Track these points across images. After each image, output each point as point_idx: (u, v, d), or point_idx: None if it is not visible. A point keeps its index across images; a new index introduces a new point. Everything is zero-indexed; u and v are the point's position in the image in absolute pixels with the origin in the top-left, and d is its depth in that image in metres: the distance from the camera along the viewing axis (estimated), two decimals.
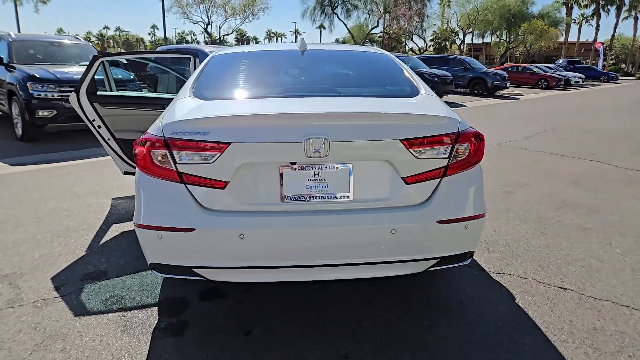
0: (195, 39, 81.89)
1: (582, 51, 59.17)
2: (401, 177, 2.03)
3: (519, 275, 2.91)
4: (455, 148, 2.05)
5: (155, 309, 2.50)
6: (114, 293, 2.68)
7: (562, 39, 52.29)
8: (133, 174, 3.95)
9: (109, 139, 3.83)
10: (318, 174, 2.00)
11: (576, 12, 56.03)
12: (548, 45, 47.30)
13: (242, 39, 49.81)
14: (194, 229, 1.97)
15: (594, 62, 48.54)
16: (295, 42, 3.55)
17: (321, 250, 2.00)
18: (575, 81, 29.10)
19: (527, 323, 2.39)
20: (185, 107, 2.21)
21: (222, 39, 49.18)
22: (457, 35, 53.04)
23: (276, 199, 2.00)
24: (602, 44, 47.80)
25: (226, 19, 45.40)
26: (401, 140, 1.98)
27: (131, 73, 6.26)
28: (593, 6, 52.47)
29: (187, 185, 2.01)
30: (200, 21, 45.57)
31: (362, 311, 2.49)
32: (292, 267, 2.02)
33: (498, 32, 48.17)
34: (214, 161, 1.97)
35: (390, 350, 2.16)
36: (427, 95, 2.40)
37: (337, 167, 2.00)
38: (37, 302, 2.57)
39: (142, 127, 3.74)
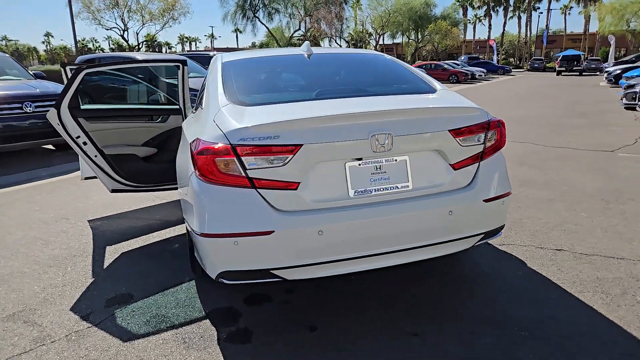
0: (99, 45, 75.98)
1: (478, 48, 65.25)
2: (449, 164, 2.27)
3: (518, 244, 3.32)
4: (487, 135, 2.35)
5: (207, 322, 2.49)
6: (153, 313, 2.60)
7: (462, 37, 57.54)
8: (122, 191, 3.77)
9: (96, 156, 3.61)
10: (380, 168, 2.17)
11: (471, 13, 62.26)
12: (452, 43, 52.01)
13: (153, 45, 47.32)
14: (273, 231, 2.04)
15: (489, 57, 53.78)
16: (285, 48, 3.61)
17: (389, 238, 2.17)
18: (479, 75, 32.20)
19: (545, 281, 2.77)
20: (239, 113, 2.24)
21: (139, 45, 46.42)
22: (372, 36, 55.82)
23: (345, 194, 2.13)
24: (495, 40, 53.43)
25: (143, 24, 42.95)
26: (449, 130, 2.23)
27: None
28: (485, 7, 58.66)
29: (258, 189, 2.06)
30: (115, 27, 42.63)
31: (405, 293, 2.70)
32: (363, 257, 2.17)
33: (407, 33, 51.65)
34: (285, 163, 2.05)
35: (446, 320, 2.40)
36: (445, 90, 2.68)
37: (396, 160, 2.19)
38: (70, 336, 2.42)
39: (132, 140, 3.61)
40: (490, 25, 59.59)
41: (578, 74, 34.28)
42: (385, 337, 2.29)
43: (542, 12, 64.68)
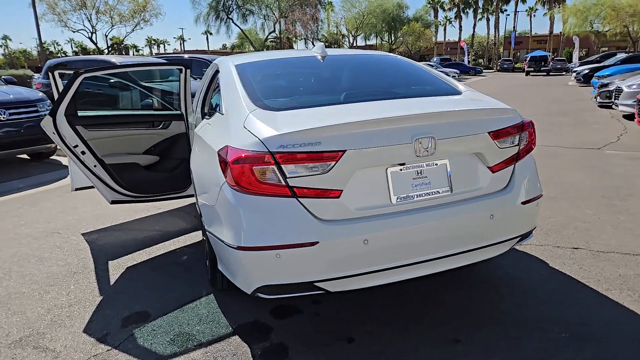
0: (61, 49, 73.32)
1: (449, 49, 66.72)
2: (488, 167, 2.25)
3: (535, 244, 3.35)
4: (521, 136, 2.34)
5: (237, 338, 2.38)
6: (176, 331, 2.47)
7: (434, 39, 58.79)
8: (122, 202, 3.60)
9: (95, 166, 3.43)
10: (421, 172, 2.12)
11: (441, 15, 63.62)
12: (425, 45, 53.06)
13: (119, 48, 46.01)
14: (317, 242, 1.96)
15: (460, 58, 55.05)
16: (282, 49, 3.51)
17: (432, 245, 2.13)
18: (452, 76, 32.89)
19: (571, 281, 2.79)
20: (271, 119, 2.15)
21: (109, 48, 45.08)
22: (346, 38, 56.33)
23: (387, 201, 2.07)
24: (465, 42, 54.84)
25: (113, 26, 41.71)
26: (488, 132, 2.20)
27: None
28: (455, 9, 60.14)
29: (299, 198, 1.98)
30: (82, 29, 41.27)
31: (433, 300, 2.67)
32: (406, 266, 2.11)
33: (381, 35, 52.38)
34: (328, 171, 1.97)
35: (484, 326, 2.37)
36: (470, 91, 2.67)
37: (436, 164, 2.15)
38: None
39: (133, 148, 3.45)
40: (460, 27, 61.20)
41: (545, 74, 35.49)
42: (427, 345, 2.24)
43: (509, 14, 66.74)
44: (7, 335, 2.51)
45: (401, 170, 2.09)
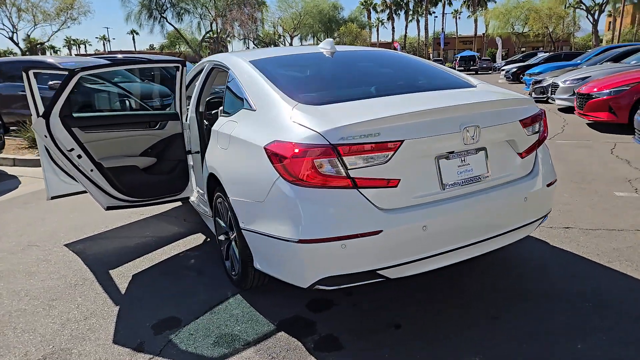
0: None
1: None
2: (517, 153, 2.43)
3: None
4: (540, 124, 2.55)
5: (283, 334, 2.37)
6: (217, 333, 2.41)
7: (368, 40, 60.50)
8: (118, 208, 3.41)
9: (92, 171, 3.22)
10: (464, 160, 2.25)
11: (374, 16, 65.72)
12: (362, 46, 54.64)
13: (35, 50, 42.48)
14: (381, 231, 2.02)
15: None
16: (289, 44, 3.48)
17: (477, 228, 2.26)
18: None
19: (574, 256, 3.07)
20: (320, 112, 2.17)
21: (35, 47, 41.40)
22: (281, 38, 56.32)
23: (438, 188, 2.18)
24: (398, 43, 57.07)
25: (36, 24, 38.35)
26: (519, 120, 2.39)
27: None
28: (387, 11, 62.40)
29: (359, 189, 2.03)
30: (2, 29, 37.62)
31: (457, 284, 2.82)
32: (456, 250, 2.23)
33: (318, 35, 53.04)
34: (387, 161, 2.04)
35: (514, 303, 2.55)
36: (483, 83, 2.85)
37: (477, 151, 2.29)
38: None
39: (130, 150, 3.30)
40: (393, 28, 63.81)
41: (474, 72, 37.87)
42: (470, 324, 2.37)
43: (437, 16, 70.22)
44: (25, 355, 2.32)
45: (449, 158, 2.21)
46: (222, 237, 3.02)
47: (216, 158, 2.73)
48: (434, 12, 64.84)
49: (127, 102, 4.42)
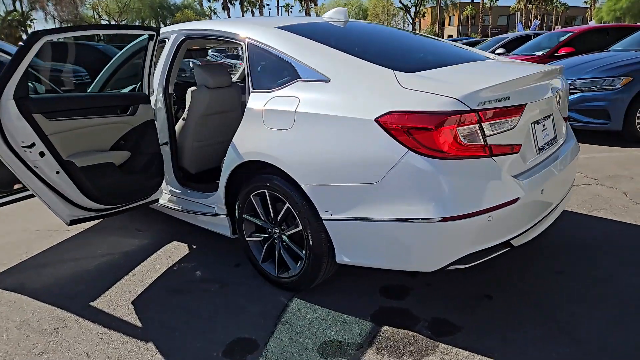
0: None
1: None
2: (563, 118, 2.65)
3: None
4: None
5: (388, 328, 2.16)
6: (315, 343, 2.07)
7: None
8: (82, 221, 2.66)
9: (58, 173, 2.40)
10: (545, 125, 2.35)
11: (206, 4, 63.73)
12: None
13: None
14: (519, 198, 1.98)
15: (234, 50, 56.67)
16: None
17: (563, 186, 2.39)
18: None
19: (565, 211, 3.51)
20: (429, 78, 2.01)
21: None
22: (106, 22, 50.54)
23: (535, 153, 2.23)
24: None
25: None
26: (563, 88, 2.59)
27: None
28: (222, 0, 61.15)
29: (494, 157, 1.95)
30: None
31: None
32: (553, 210, 2.32)
33: (148, 21, 48.94)
34: (514, 126, 2.01)
35: (558, 255, 2.80)
36: (495, 55, 3.02)
37: (549, 117, 2.41)
38: None
39: (100, 143, 2.64)
40: (229, 17, 62.82)
41: None
42: (539, 282, 2.51)
43: (271, 9, 71.55)
44: None
45: (538, 122, 2.28)
46: (254, 238, 2.61)
47: (266, 142, 2.31)
48: (268, 5, 66.16)
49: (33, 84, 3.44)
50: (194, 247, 3.17)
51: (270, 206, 2.44)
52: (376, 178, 1.95)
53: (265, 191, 2.41)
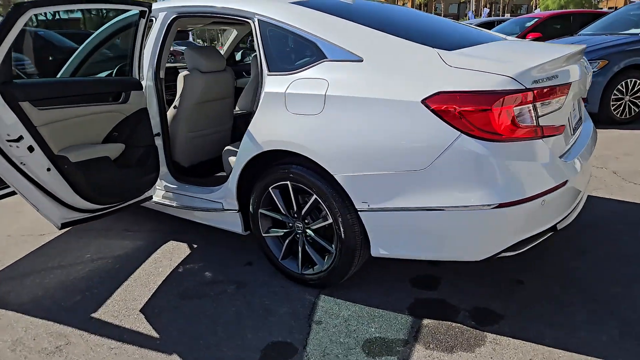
0: None
1: None
2: (583, 98, 2.64)
3: None
4: None
5: (430, 321, 2.08)
6: (358, 342, 1.96)
7: None
8: (74, 224, 2.39)
9: (48, 170, 2.13)
10: (574, 105, 2.31)
11: None
12: None
13: None
14: (567, 181, 1.93)
15: None
16: None
17: (588, 169, 2.34)
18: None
19: None
20: (474, 55, 1.91)
21: None
22: None
23: (570, 133, 2.19)
24: None
25: None
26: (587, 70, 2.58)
27: None
28: None
29: (544, 138, 1.88)
30: None
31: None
32: (583, 193, 2.29)
33: None
34: (561, 106, 1.95)
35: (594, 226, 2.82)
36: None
37: (573, 95, 2.38)
38: None
39: (92, 135, 2.39)
40: None
41: None
42: (567, 263, 2.51)
43: None
44: None
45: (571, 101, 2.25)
46: (273, 234, 2.44)
47: (291, 129, 2.14)
48: None
49: None
50: (195, 246, 2.96)
51: (293, 199, 2.28)
52: (423, 164, 1.84)
53: (288, 183, 2.24)
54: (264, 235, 2.46)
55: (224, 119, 3.33)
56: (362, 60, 2.02)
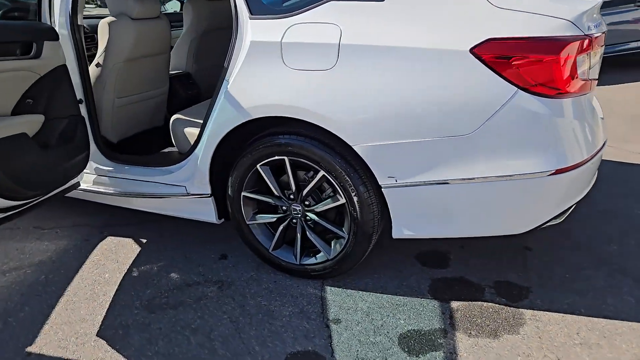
0: None
1: None
2: None
3: None
4: None
5: (460, 304, 1.88)
6: (393, 335, 1.69)
7: None
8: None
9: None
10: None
11: None
12: None
13: None
14: (606, 142, 1.81)
15: None
16: None
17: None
18: None
19: None
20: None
21: None
22: None
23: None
24: None
25: None
26: None
27: None
28: None
29: (587, 94, 1.71)
30: None
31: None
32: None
33: None
34: (598, 59, 1.79)
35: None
36: None
37: None
38: None
39: (2, 104, 1.78)
40: None
41: None
42: (571, 224, 2.48)
43: None
44: None
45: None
46: (260, 220, 2.04)
47: (292, 89, 1.72)
48: None
49: None
50: (144, 241, 2.43)
51: (291, 177, 1.89)
52: (470, 129, 1.58)
53: (285, 158, 1.84)
54: (248, 223, 2.04)
55: (160, 81, 2.74)
56: (382, 0, 1.66)
